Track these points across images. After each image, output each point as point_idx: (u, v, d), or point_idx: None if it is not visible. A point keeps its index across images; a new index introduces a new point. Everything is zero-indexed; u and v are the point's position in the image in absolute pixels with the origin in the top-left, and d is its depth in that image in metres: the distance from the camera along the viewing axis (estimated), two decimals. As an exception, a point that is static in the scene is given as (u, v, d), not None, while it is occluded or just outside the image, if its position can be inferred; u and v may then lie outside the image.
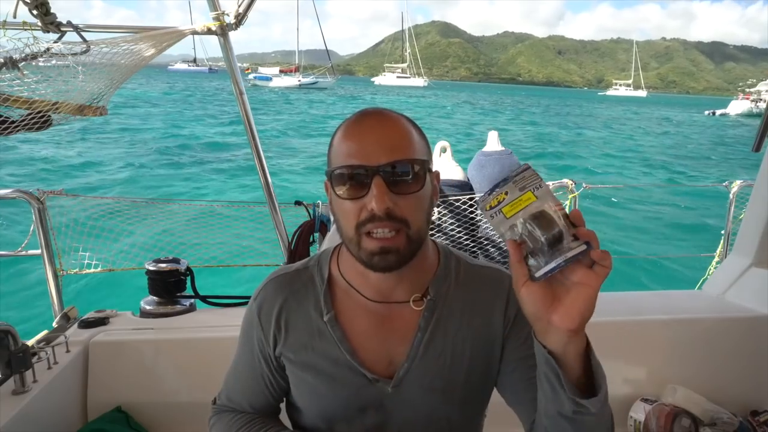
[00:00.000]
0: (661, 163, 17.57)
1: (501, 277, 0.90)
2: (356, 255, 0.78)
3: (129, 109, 25.88)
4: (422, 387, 0.84)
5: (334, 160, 0.78)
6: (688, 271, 5.36)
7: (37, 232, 2.00)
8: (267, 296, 0.89)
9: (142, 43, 1.56)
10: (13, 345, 1.27)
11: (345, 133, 0.78)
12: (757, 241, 1.98)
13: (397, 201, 0.73)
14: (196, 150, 15.11)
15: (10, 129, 1.42)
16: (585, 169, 15.14)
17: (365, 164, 0.73)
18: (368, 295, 0.84)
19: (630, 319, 1.81)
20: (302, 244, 2.20)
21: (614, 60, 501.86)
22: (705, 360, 1.80)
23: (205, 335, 1.69)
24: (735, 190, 2.76)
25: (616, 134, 28.04)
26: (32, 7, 1.36)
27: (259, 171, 2.08)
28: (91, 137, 16.11)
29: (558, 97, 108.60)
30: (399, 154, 0.74)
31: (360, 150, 0.74)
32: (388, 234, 0.73)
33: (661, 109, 73.88)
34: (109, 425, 1.51)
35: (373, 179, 0.72)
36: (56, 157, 12.65)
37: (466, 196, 2.84)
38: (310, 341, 0.86)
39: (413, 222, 0.75)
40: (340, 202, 0.76)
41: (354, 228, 0.75)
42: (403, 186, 0.74)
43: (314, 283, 0.88)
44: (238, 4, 1.67)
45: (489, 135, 2.98)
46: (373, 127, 0.77)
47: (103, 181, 10.65)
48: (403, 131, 0.78)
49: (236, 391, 0.95)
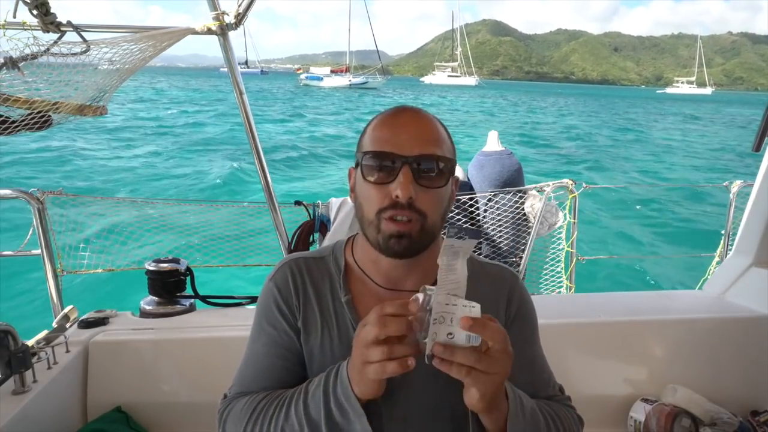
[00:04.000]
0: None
1: (504, 275, 0.93)
2: (373, 238, 0.81)
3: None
4: (428, 374, 0.85)
5: (366, 145, 0.82)
6: (688, 271, 5.37)
7: (37, 232, 2.00)
8: (285, 274, 0.91)
9: (142, 43, 1.56)
10: (13, 345, 1.27)
11: (381, 122, 0.83)
12: (757, 241, 1.98)
13: (420, 193, 0.78)
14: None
15: (11, 129, 1.42)
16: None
17: (397, 153, 0.77)
18: (380, 282, 0.88)
19: (630, 319, 1.80)
20: (302, 244, 2.20)
21: (675, 56, 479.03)
22: (705, 360, 1.80)
23: (205, 335, 1.69)
24: (735, 190, 2.76)
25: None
26: (32, 7, 1.36)
27: (258, 171, 2.08)
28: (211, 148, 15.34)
29: (618, 96, 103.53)
30: (429, 149, 0.79)
31: (393, 139, 0.79)
32: (406, 220, 0.78)
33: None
34: (109, 425, 1.51)
35: (401, 168, 0.77)
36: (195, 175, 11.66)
37: (466, 195, 2.84)
38: (326, 322, 0.88)
39: (430, 215, 0.79)
40: (367, 186, 0.80)
41: (375, 212, 0.79)
42: (428, 180, 0.79)
43: (329, 270, 0.92)
44: (238, 4, 1.67)
45: (489, 135, 2.98)
46: (408, 121, 0.82)
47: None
48: (436, 130, 0.82)
49: (254, 376, 0.92)
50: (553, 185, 2.76)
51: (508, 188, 2.78)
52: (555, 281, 2.96)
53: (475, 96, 66.55)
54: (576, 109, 48.02)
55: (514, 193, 2.78)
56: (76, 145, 14.56)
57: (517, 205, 2.80)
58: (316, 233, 2.27)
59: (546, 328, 0.96)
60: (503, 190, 2.77)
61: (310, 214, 2.30)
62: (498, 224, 2.80)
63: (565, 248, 2.88)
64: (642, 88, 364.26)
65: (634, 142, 22.39)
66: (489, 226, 2.83)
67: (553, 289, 2.96)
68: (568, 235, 2.86)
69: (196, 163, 12.96)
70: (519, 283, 0.94)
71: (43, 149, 13.24)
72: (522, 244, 2.82)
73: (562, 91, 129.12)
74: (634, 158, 17.39)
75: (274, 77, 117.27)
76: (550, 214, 2.76)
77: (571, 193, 2.80)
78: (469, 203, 2.84)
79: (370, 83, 68.67)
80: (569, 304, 2.02)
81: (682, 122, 36.75)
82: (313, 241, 2.26)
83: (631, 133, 26.58)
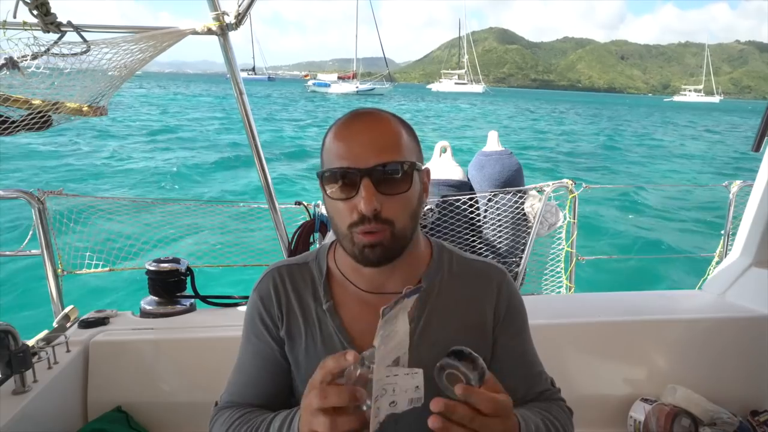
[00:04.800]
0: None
1: (493, 271, 0.93)
2: (350, 250, 0.81)
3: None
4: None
5: (326, 160, 0.81)
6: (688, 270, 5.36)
7: (37, 232, 2.00)
8: (268, 285, 0.93)
9: (142, 43, 1.56)
10: (14, 345, 1.27)
11: (336, 134, 0.81)
12: (757, 241, 1.98)
13: (384, 201, 0.77)
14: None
15: (11, 129, 1.42)
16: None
17: (355, 166, 0.76)
18: (362, 286, 0.88)
19: (630, 319, 1.81)
20: (302, 244, 2.20)
21: (682, 64, 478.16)
22: (705, 360, 1.80)
23: (205, 335, 1.69)
24: (735, 190, 2.76)
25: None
26: (32, 7, 1.36)
27: (258, 171, 2.08)
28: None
29: (627, 104, 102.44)
30: (387, 155, 0.77)
31: (349, 152, 0.77)
32: (375, 231, 0.77)
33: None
34: (109, 425, 1.51)
35: (361, 182, 0.75)
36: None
37: (466, 196, 2.84)
38: (309, 329, 0.89)
39: (398, 221, 0.79)
40: (333, 201, 0.80)
41: (347, 227, 0.79)
42: (391, 187, 0.77)
43: (312, 276, 0.92)
44: (238, 4, 1.66)
45: (489, 135, 2.98)
46: (363, 128, 0.80)
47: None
48: (392, 132, 0.80)
49: (241, 385, 0.94)
50: (553, 185, 2.76)
51: (508, 188, 2.78)
52: (555, 281, 2.96)
53: (486, 103, 66.07)
54: (600, 117, 47.31)
55: (514, 193, 2.78)
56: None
57: (517, 205, 2.80)
58: (316, 233, 2.26)
59: (546, 328, 0.96)
60: (503, 190, 2.77)
61: (310, 214, 2.30)
62: (498, 224, 2.80)
63: (565, 248, 2.88)
64: (649, 96, 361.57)
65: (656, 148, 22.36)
66: (489, 226, 2.83)
67: (553, 289, 2.96)
68: (568, 235, 2.86)
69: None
70: (507, 279, 0.94)
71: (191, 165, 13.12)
72: (522, 245, 2.82)
73: (578, 100, 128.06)
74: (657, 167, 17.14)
75: (281, 84, 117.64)
76: (550, 214, 2.76)
77: (571, 193, 2.80)
78: (469, 203, 2.84)
79: (377, 90, 69.08)
80: (569, 304, 2.02)
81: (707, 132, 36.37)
82: (313, 241, 2.26)
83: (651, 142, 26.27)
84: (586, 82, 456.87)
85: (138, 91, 49.32)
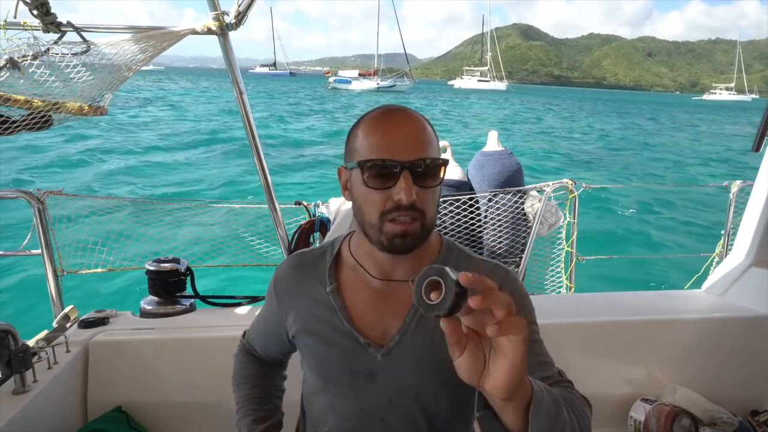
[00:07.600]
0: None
1: (497, 271, 0.95)
2: (376, 239, 0.85)
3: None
4: (411, 360, 0.90)
5: (363, 151, 0.85)
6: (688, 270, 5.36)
7: (37, 232, 2.00)
8: (282, 272, 1.02)
9: (142, 43, 1.56)
10: (14, 345, 1.27)
11: (373, 126, 0.85)
12: (757, 241, 1.98)
13: (420, 193, 0.83)
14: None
15: (11, 129, 1.42)
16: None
17: (396, 159, 0.81)
18: (372, 272, 0.93)
19: (630, 319, 1.81)
20: (302, 244, 2.20)
21: (711, 62, 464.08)
22: (705, 360, 1.80)
23: (205, 335, 1.69)
24: (735, 190, 2.76)
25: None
26: (32, 7, 1.36)
27: (258, 171, 2.08)
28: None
29: (661, 103, 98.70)
30: (425, 151, 0.83)
31: (390, 145, 0.82)
32: (409, 220, 0.82)
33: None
34: (109, 425, 1.51)
35: (401, 173, 0.81)
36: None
37: (466, 196, 2.84)
38: (314, 309, 0.96)
39: (428, 213, 0.85)
40: (367, 191, 0.84)
41: (378, 215, 0.84)
42: (425, 180, 0.83)
43: (324, 260, 0.99)
44: (238, 3, 1.66)
45: (489, 135, 2.98)
46: (400, 123, 0.85)
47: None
48: (426, 129, 0.86)
49: (255, 339, 1.13)
50: (553, 185, 2.76)
51: (508, 188, 2.78)
52: (555, 281, 2.96)
53: (516, 103, 63.89)
54: (644, 118, 45.20)
55: (514, 193, 2.78)
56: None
57: (517, 205, 2.80)
58: (316, 233, 2.26)
59: (546, 328, 0.96)
60: (503, 190, 2.77)
61: (310, 214, 2.30)
62: (498, 224, 2.80)
63: (565, 248, 2.88)
64: (676, 94, 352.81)
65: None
66: (489, 226, 2.83)
67: (553, 289, 2.96)
68: (568, 235, 2.86)
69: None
70: (510, 275, 0.96)
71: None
72: (522, 244, 2.82)
73: (609, 98, 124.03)
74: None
75: (303, 79, 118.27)
76: (550, 214, 2.76)
77: (571, 193, 2.80)
78: (469, 203, 2.84)
79: (397, 86, 68.66)
80: (569, 304, 2.02)
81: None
82: (313, 241, 2.26)
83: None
84: (611, 80, 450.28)
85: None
